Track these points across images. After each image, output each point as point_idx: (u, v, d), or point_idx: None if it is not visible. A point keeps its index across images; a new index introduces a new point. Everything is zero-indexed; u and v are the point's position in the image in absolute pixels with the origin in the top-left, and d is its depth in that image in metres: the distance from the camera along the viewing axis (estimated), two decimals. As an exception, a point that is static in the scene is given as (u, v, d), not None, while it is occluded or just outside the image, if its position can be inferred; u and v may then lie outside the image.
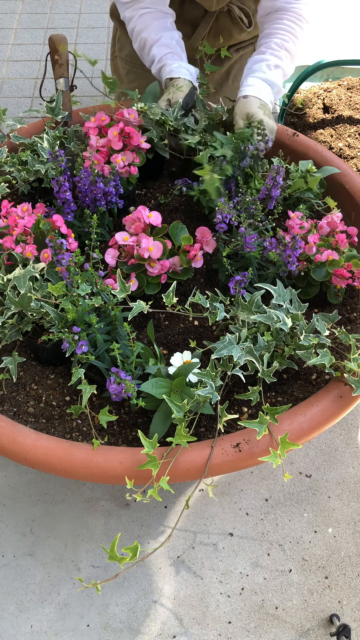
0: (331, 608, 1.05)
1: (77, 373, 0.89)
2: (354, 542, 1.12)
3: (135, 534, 1.12)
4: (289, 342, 0.92)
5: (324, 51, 2.37)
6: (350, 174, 1.25)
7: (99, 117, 1.18)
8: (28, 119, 2.03)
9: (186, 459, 0.86)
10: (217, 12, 1.40)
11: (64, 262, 0.95)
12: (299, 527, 1.14)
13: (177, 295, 1.11)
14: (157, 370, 0.94)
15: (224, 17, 1.41)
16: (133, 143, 1.17)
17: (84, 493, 1.17)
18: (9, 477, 1.19)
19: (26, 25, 2.62)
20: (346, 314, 1.10)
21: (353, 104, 1.86)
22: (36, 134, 1.27)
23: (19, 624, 1.03)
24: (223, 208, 1.05)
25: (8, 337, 0.96)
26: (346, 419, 1.29)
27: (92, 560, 1.09)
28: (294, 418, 0.91)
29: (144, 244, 1.03)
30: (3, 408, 0.97)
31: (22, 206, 1.06)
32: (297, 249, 1.01)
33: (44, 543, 1.11)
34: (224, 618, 1.04)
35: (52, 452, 0.87)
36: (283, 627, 1.03)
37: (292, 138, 1.32)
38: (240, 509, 1.16)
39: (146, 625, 1.03)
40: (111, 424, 0.96)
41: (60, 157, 1.08)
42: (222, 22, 1.42)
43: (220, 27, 1.43)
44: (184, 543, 1.11)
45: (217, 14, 1.40)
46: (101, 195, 1.12)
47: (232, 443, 0.88)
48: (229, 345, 0.88)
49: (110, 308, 0.94)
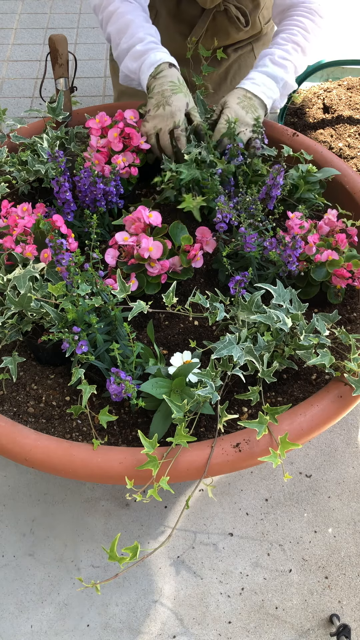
0: (331, 608, 1.05)
1: (77, 373, 0.89)
2: (354, 542, 1.12)
3: (135, 534, 1.12)
4: (289, 342, 0.92)
5: (324, 51, 2.37)
6: (350, 174, 1.25)
7: (102, 116, 1.18)
8: (28, 119, 2.03)
9: (186, 459, 0.86)
10: (214, 11, 1.39)
11: (64, 262, 0.95)
12: (299, 527, 1.14)
13: (177, 295, 1.11)
14: (157, 370, 0.94)
15: (220, 16, 1.41)
16: (133, 144, 1.17)
17: (84, 493, 1.17)
18: (9, 477, 1.19)
19: (26, 25, 2.62)
20: (346, 314, 1.10)
21: (353, 104, 1.86)
22: (36, 134, 1.27)
23: (19, 624, 1.03)
24: (223, 208, 1.05)
25: (8, 337, 0.96)
26: (346, 419, 1.29)
27: (92, 560, 1.09)
28: (294, 418, 0.91)
29: (144, 244, 1.03)
30: (3, 408, 0.97)
31: (22, 206, 1.06)
32: (297, 249, 1.01)
33: (44, 543, 1.11)
34: (224, 618, 1.04)
35: (52, 452, 0.87)
36: (283, 627, 1.03)
37: (292, 138, 1.32)
38: (240, 509, 1.16)
39: (146, 625, 1.03)
40: (111, 424, 0.96)
41: (60, 157, 1.08)
42: (219, 21, 1.41)
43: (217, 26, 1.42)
44: (184, 543, 1.11)
45: (214, 13, 1.40)
46: (101, 195, 1.12)
47: (232, 443, 0.88)
48: (229, 345, 0.88)
49: (110, 308, 0.94)
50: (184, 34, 1.43)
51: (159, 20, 1.46)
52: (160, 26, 1.41)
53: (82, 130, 1.24)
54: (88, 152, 1.17)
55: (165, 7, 1.43)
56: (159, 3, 1.44)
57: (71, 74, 1.26)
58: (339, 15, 2.60)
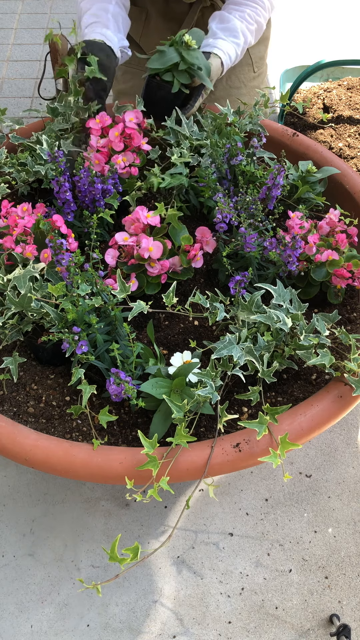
0: (331, 608, 1.05)
1: (77, 373, 0.89)
2: (354, 542, 1.12)
3: (135, 534, 1.12)
4: (289, 342, 0.92)
5: (324, 51, 2.37)
6: (350, 174, 1.25)
7: (102, 116, 1.18)
8: (28, 119, 2.03)
9: (186, 459, 0.86)
10: (200, 7, 1.39)
11: (64, 262, 0.95)
12: (299, 527, 1.14)
13: (177, 295, 1.11)
14: (157, 370, 0.94)
15: (208, 12, 1.41)
16: (134, 144, 1.17)
17: (84, 493, 1.17)
18: (9, 477, 1.19)
19: (26, 25, 2.62)
20: (346, 314, 1.10)
21: (353, 104, 1.86)
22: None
23: (19, 624, 1.03)
24: (223, 208, 1.05)
25: (8, 338, 0.96)
26: (346, 419, 1.29)
27: (92, 560, 1.09)
28: (294, 418, 0.91)
29: (144, 244, 1.03)
30: (3, 408, 0.97)
31: (22, 206, 1.06)
32: (297, 249, 1.01)
33: (44, 543, 1.11)
34: (224, 618, 1.04)
35: (52, 452, 0.87)
36: (283, 627, 1.03)
37: (292, 138, 1.32)
38: (240, 509, 1.16)
39: (146, 625, 1.03)
40: (111, 424, 0.96)
41: (60, 158, 1.08)
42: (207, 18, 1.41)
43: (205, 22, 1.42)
44: (184, 543, 1.11)
45: (201, 8, 1.40)
46: (100, 195, 1.12)
47: (232, 443, 0.88)
48: (229, 345, 0.88)
49: (110, 308, 0.94)
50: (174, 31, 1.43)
51: (150, 20, 1.46)
52: (151, 26, 1.41)
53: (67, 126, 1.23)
54: (88, 151, 1.16)
55: (154, 7, 1.44)
56: (148, 3, 1.44)
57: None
58: (339, 16, 2.61)
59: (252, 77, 1.54)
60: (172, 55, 1.13)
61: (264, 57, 1.56)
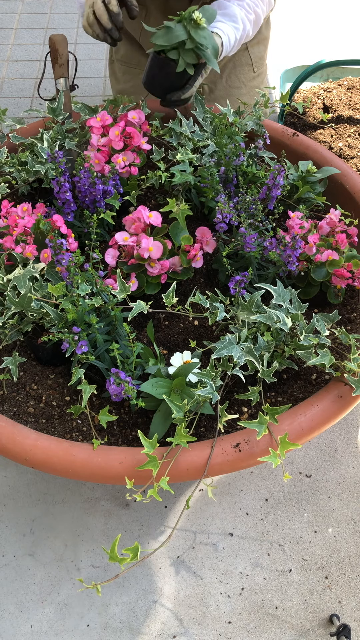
0: (331, 608, 1.05)
1: (77, 373, 0.89)
2: (354, 542, 1.12)
3: (135, 534, 1.12)
4: (289, 342, 0.92)
5: (324, 51, 2.37)
6: (350, 174, 1.25)
7: (103, 115, 1.18)
8: (28, 119, 2.03)
9: (186, 459, 0.86)
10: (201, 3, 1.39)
11: (64, 262, 0.95)
12: (299, 527, 1.14)
13: (177, 295, 1.11)
14: (157, 370, 0.94)
15: None
16: (134, 143, 1.17)
17: (84, 493, 1.17)
18: (9, 477, 1.19)
19: (26, 25, 2.62)
20: (346, 314, 1.10)
21: (353, 104, 1.86)
22: (36, 134, 1.27)
23: (19, 624, 1.03)
24: (223, 208, 1.05)
25: (8, 338, 0.96)
26: (346, 419, 1.29)
27: (92, 560, 1.09)
28: (294, 418, 0.91)
29: (144, 244, 1.03)
30: (3, 408, 0.97)
31: (22, 206, 1.06)
32: (297, 249, 1.01)
33: (44, 543, 1.11)
34: (224, 618, 1.04)
35: (52, 452, 0.87)
36: (283, 627, 1.03)
37: (292, 138, 1.32)
38: (240, 509, 1.16)
39: (146, 625, 1.03)
40: (111, 424, 0.96)
41: (60, 158, 1.08)
42: None
43: None
44: (184, 543, 1.11)
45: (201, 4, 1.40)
46: (100, 196, 1.12)
47: (232, 443, 0.88)
48: (229, 345, 0.88)
49: (110, 308, 0.94)
50: None
51: (150, 17, 1.46)
52: (150, 23, 1.41)
53: (76, 125, 1.23)
54: (89, 150, 1.17)
55: (154, 3, 1.44)
56: (148, 0, 1.44)
57: (71, 74, 1.26)
58: (339, 16, 2.61)
59: (252, 77, 1.54)
60: (179, 32, 1.08)
61: (263, 57, 1.56)
